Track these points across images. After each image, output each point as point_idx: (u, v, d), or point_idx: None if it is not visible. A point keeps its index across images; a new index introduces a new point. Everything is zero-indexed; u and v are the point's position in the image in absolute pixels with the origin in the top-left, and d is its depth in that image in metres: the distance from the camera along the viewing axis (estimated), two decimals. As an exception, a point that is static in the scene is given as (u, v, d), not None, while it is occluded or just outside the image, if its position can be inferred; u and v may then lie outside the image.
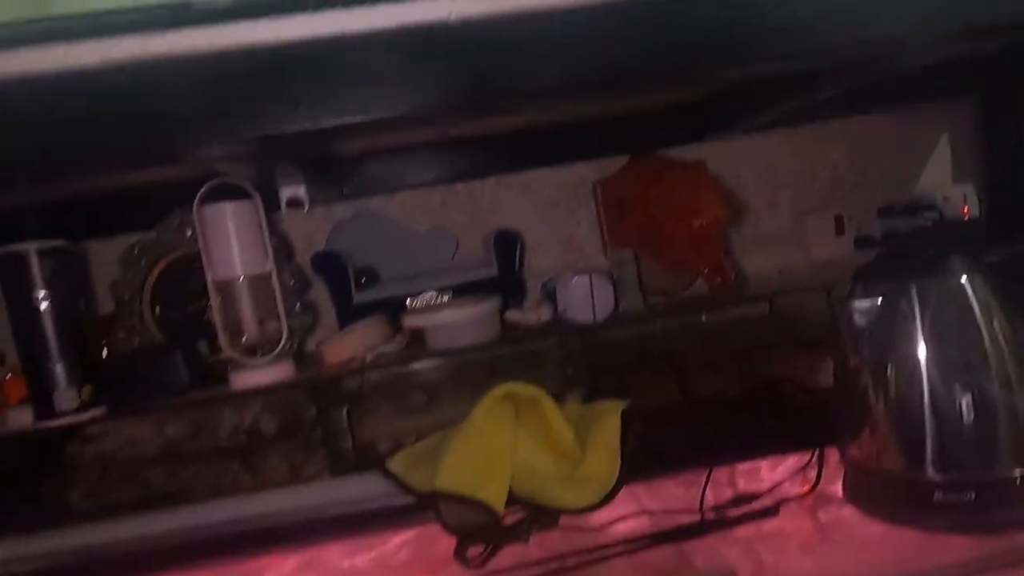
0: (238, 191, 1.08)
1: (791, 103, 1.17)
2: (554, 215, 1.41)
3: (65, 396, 1.00)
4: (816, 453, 0.92)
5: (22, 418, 1.04)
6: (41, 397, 1.00)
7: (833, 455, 0.93)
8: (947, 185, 1.57)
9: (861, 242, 1.51)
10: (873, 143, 1.52)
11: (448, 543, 0.88)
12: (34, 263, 1.01)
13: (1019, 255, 0.87)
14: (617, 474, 0.89)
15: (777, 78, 1.03)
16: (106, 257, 1.22)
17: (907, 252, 0.88)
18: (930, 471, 0.79)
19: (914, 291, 0.80)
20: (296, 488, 1.11)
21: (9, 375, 1.12)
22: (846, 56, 0.83)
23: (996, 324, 0.79)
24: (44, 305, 1.01)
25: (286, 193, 1.02)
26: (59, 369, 1.01)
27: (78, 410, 1.01)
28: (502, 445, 0.92)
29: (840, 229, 1.49)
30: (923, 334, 0.80)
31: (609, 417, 0.94)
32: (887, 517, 0.81)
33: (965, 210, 1.51)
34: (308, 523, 0.97)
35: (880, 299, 0.82)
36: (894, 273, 0.83)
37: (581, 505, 0.86)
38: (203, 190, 1.05)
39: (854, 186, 1.53)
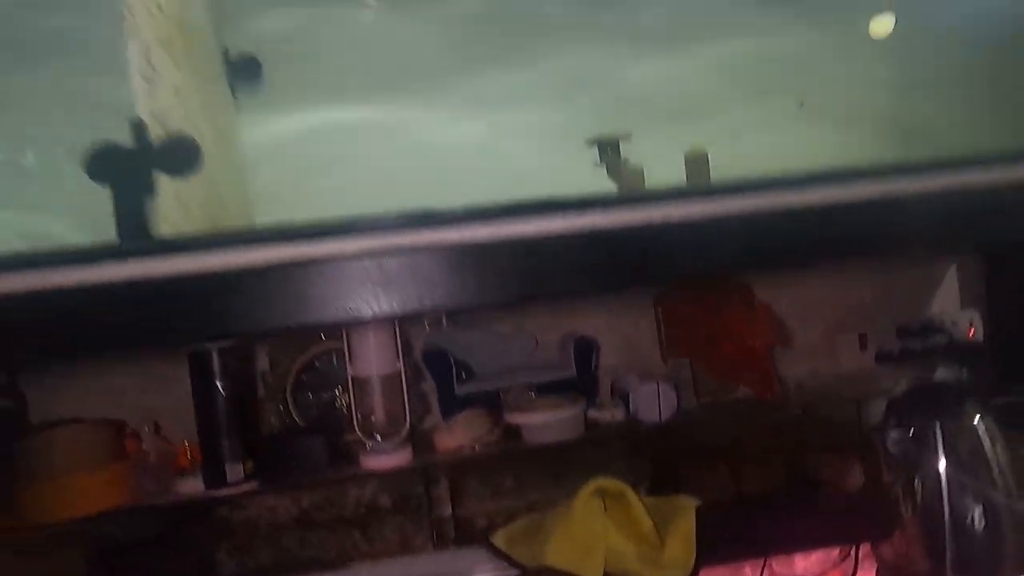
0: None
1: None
2: (619, 323, 1.58)
3: (233, 469, 1.18)
4: (854, 549, 1.11)
5: (190, 486, 1.22)
6: (214, 469, 1.18)
7: (865, 550, 1.12)
8: (955, 310, 1.77)
9: (881, 357, 1.70)
10: (892, 274, 1.72)
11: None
12: (215, 359, 1.20)
13: (1018, 402, 1.07)
14: (693, 562, 1.06)
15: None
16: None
17: (933, 393, 1.08)
18: (949, 572, 0.98)
19: (938, 427, 1.00)
20: (406, 559, 1.27)
21: (185, 443, 1.31)
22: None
23: (1001, 454, 0.99)
24: (221, 393, 1.20)
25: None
26: (229, 446, 1.19)
27: (241, 482, 1.20)
28: (597, 531, 1.10)
29: (863, 345, 1.69)
30: (944, 459, 1.00)
31: (686, 512, 1.11)
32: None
33: (971, 332, 1.71)
34: None
35: (911, 430, 1.02)
36: (922, 410, 1.03)
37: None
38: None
39: (876, 309, 1.73)
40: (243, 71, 1.17)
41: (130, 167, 0.88)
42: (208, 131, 1.04)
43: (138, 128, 0.97)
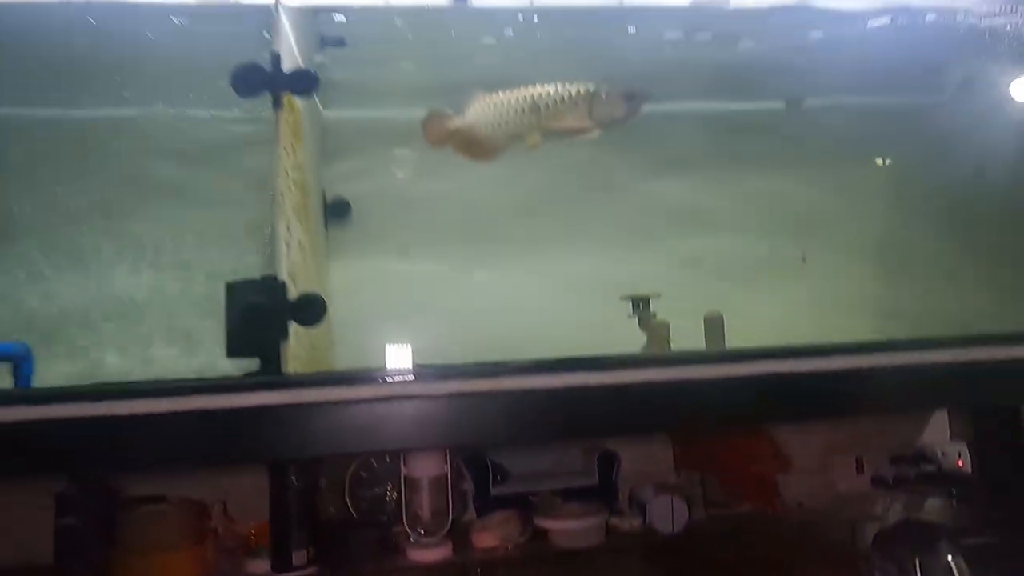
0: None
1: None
2: (638, 438, 1.69)
3: (298, 555, 1.32)
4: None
5: (258, 567, 1.36)
6: (282, 554, 1.32)
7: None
8: (945, 442, 1.89)
9: (877, 481, 1.82)
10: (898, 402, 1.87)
11: None
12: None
13: (988, 544, 1.21)
14: None
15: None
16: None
17: (915, 530, 1.23)
18: None
19: (917, 562, 1.15)
20: None
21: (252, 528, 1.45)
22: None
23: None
24: (294, 486, 1.36)
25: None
26: (296, 534, 1.33)
27: (304, 567, 1.34)
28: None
29: (860, 469, 1.82)
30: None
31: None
32: None
33: (959, 463, 1.84)
34: None
35: (896, 564, 1.16)
36: (905, 545, 1.18)
37: None
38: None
39: (872, 436, 1.85)
40: (337, 211, 1.37)
41: (272, 320, 1.08)
42: (314, 274, 1.24)
43: (281, 288, 1.18)
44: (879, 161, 1.81)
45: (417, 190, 1.58)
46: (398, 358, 1.10)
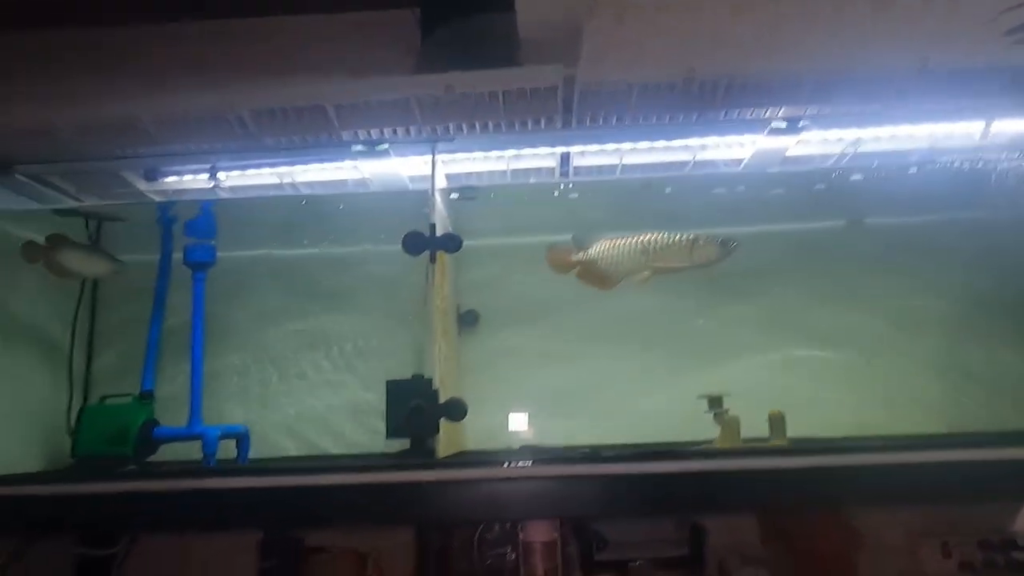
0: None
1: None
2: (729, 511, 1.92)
3: (436, 601, 1.60)
4: None
5: None
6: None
7: None
8: (1038, 530, 1.88)
9: (964, 567, 1.84)
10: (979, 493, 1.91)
11: None
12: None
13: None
14: None
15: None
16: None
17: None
18: None
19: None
20: None
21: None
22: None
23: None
24: (434, 544, 1.65)
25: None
26: (436, 583, 1.62)
27: None
28: None
29: (947, 553, 1.86)
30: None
31: None
32: None
33: (1052, 551, 1.82)
34: None
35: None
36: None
37: None
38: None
39: (960, 521, 1.89)
40: (467, 320, 1.68)
41: (429, 418, 1.41)
42: (455, 375, 1.57)
43: (435, 394, 1.54)
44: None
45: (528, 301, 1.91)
46: (518, 439, 1.36)
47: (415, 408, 1.38)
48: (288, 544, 1.68)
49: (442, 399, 1.42)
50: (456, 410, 1.42)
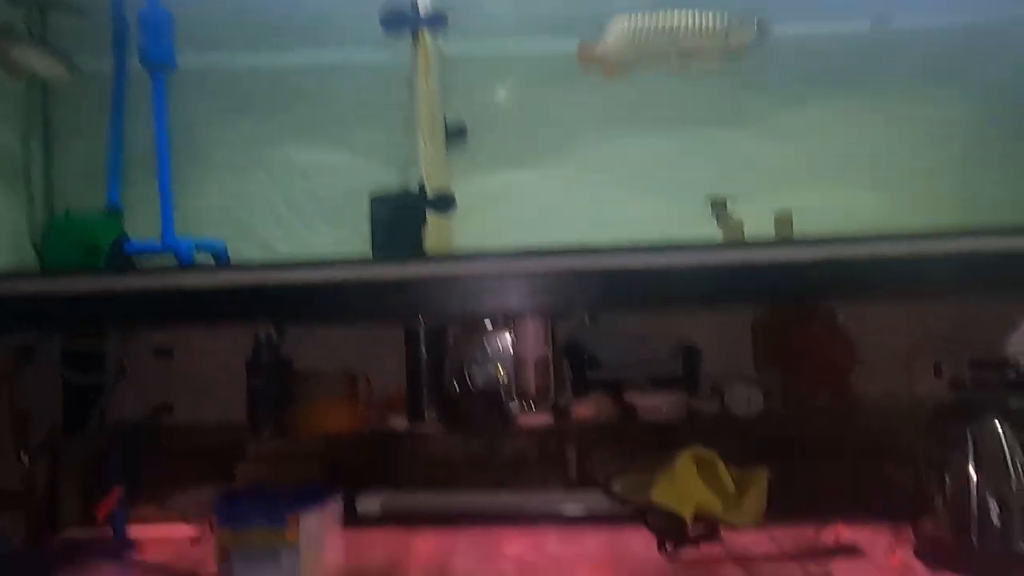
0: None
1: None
2: (722, 339, 1.82)
3: (428, 413, 1.59)
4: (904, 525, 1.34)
5: (398, 422, 1.65)
6: (415, 410, 1.60)
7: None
8: (1031, 350, 1.89)
9: (954, 384, 1.86)
10: (969, 312, 1.89)
11: (640, 541, 1.36)
12: (422, 335, 1.63)
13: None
14: (763, 512, 1.35)
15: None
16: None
17: (966, 404, 1.31)
18: (974, 542, 1.20)
19: (968, 433, 1.24)
20: (543, 494, 1.62)
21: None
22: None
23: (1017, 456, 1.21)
24: (424, 357, 1.62)
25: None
26: (427, 395, 1.61)
27: (433, 422, 1.61)
28: (691, 483, 1.40)
29: (938, 373, 1.87)
30: (973, 456, 1.23)
31: (760, 478, 1.40)
32: (941, 568, 1.22)
33: (1043, 370, 1.84)
34: (552, 515, 1.49)
35: (950, 436, 1.26)
36: (958, 417, 1.27)
37: (741, 522, 1.33)
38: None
39: (952, 342, 1.89)
40: (455, 133, 1.57)
41: (416, 208, 1.32)
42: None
43: (421, 187, 1.46)
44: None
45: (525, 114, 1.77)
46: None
47: (399, 197, 1.28)
48: (274, 365, 1.66)
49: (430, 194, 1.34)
50: (444, 201, 1.34)
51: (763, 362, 1.83)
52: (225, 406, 1.72)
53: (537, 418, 1.58)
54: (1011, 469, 1.18)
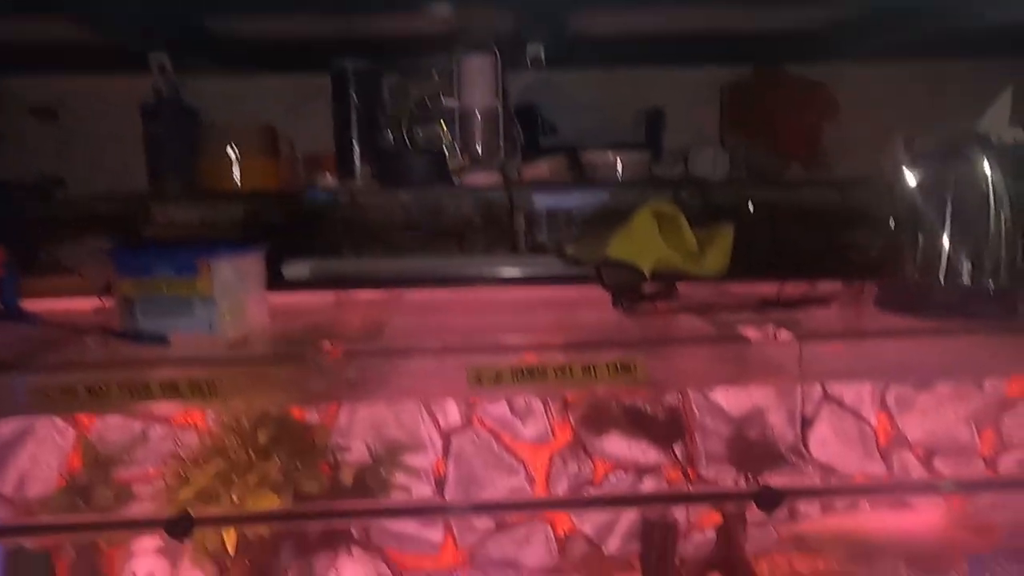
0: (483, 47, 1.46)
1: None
2: (689, 107, 1.72)
3: (360, 169, 1.41)
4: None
5: (327, 181, 1.46)
6: (345, 166, 1.41)
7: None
8: (1004, 127, 1.82)
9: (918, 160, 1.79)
10: (949, 85, 1.79)
11: (593, 300, 1.27)
12: (351, 78, 1.40)
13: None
14: (726, 266, 1.26)
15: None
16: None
17: (947, 136, 1.20)
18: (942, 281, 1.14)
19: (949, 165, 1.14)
20: (489, 259, 1.49)
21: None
22: None
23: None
24: (355, 104, 1.41)
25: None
26: (359, 150, 1.41)
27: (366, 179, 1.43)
28: (651, 238, 1.30)
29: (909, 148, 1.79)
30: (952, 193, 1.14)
31: (726, 233, 1.30)
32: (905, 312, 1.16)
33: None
34: (499, 280, 1.37)
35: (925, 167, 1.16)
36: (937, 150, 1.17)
37: (703, 274, 1.24)
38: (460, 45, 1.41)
39: (927, 120, 1.80)
40: None
41: None
42: None
43: None
44: None
45: None
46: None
47: None
48: (176, 111, 1.43)
49: None
50: None
51: (731, 128, 1.70)
52: (124, 171, 1.51)
53: (484, 178, 1.43)
54: (992, 206, 1.11)
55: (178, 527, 0.96)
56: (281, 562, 1.31)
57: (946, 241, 1.12)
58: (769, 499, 1.01)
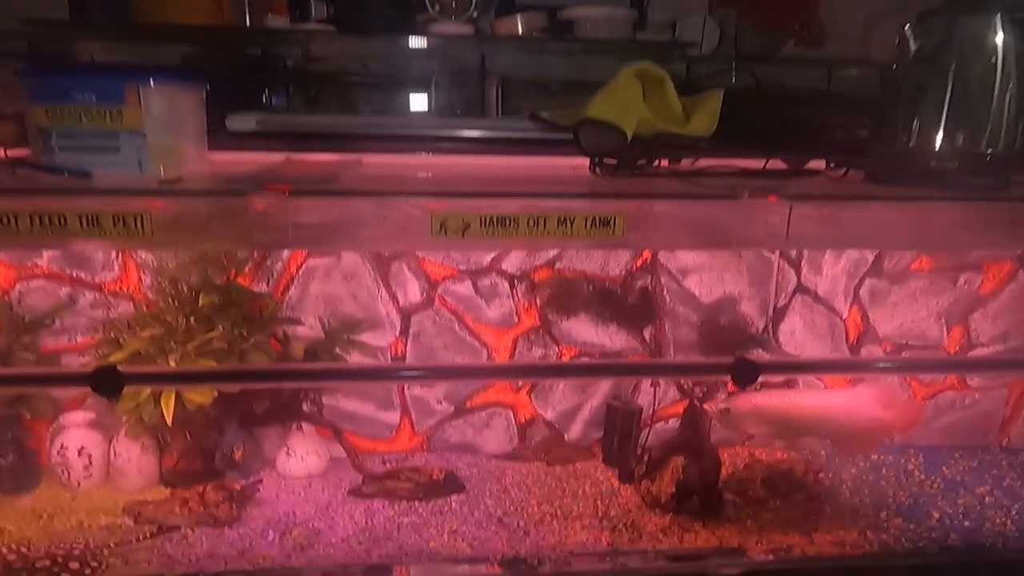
0: None
1: None
2: None
3: (317, 8, 1.26)
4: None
5: (280, 21, 1.30)
6: (300, 10, 1.26)
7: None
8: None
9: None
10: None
11: (568, 163, 1.17)
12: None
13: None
14: (713, 128, 1.17)
15: None
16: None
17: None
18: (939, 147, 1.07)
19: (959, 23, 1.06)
20: (462, 120, 1.34)
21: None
22: None
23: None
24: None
25: None
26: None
27: (322, 21, 1.28)
28: (635, 100, 1.21)
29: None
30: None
31: (714, 96, 1.21)
32: (901, 182, 1.05)
33: None
34: (464, 140, 1.26)
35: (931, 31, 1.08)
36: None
37: (688, 133, 1.14)
38: None
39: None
40: None
41: None
42: None
43: None
44: None
45: None
46: None
47: None
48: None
49: None
50: None
51: (722, 1, 1.58)
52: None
53: (453, 27, 1.30)
54: (999, 68, 1.04)
55: (105, 381, 0.87)
56: (226, 439, 1.24)
57: (946, 107, 1.06)
58: (745, 372, 0.97)
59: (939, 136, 1.03)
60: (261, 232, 0.84)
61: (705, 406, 1.15)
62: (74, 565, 0.96)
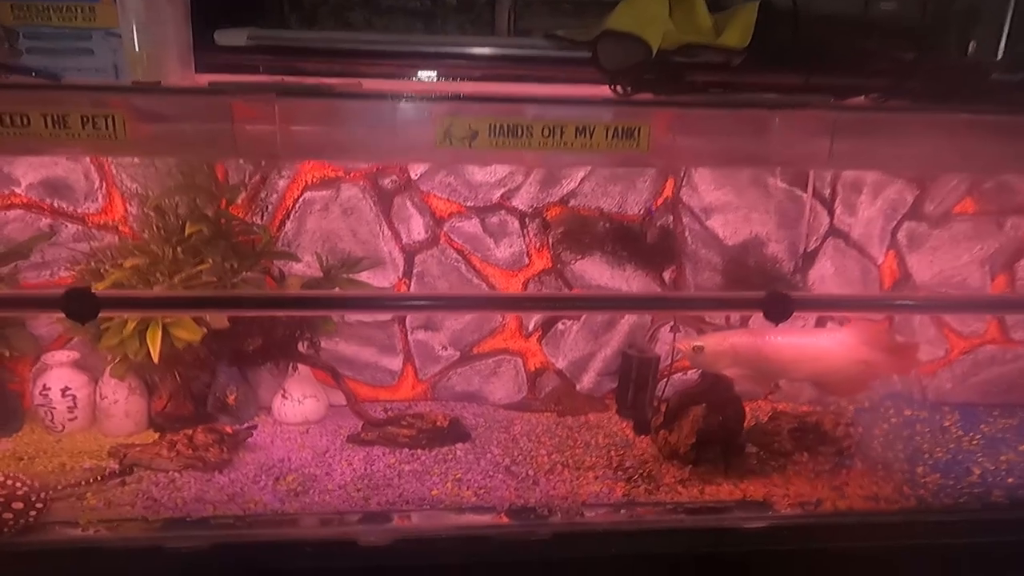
0: None
1: None
2: None
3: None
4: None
5: None
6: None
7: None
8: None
9: None
10: None
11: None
12: None
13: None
14: (748, 42, 1.07)
15: None
16: None
17: None
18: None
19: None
20: (469, 37, 1.23)
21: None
22: None
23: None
24: None
25: None
26: None
27: None
28: (661, 13, 1.11)
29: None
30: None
31: (747, 8, 1.11)
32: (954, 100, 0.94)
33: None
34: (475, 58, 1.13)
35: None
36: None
37: (720, 45, 1.01)
38: None
39: None
40: None
41: None
42: None
43: None
44: None
45: None
46: None
47: None
48: None
49: None
50: None
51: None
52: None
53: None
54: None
55: (78, 304, 0.80)
56: (219, 382, 1.17)
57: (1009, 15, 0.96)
58: (778, 307, 0.88)
59: (1000, 47, 0.93)
60: (246, 141, 0.75)
61: (678, 345, 1.07)
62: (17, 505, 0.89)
